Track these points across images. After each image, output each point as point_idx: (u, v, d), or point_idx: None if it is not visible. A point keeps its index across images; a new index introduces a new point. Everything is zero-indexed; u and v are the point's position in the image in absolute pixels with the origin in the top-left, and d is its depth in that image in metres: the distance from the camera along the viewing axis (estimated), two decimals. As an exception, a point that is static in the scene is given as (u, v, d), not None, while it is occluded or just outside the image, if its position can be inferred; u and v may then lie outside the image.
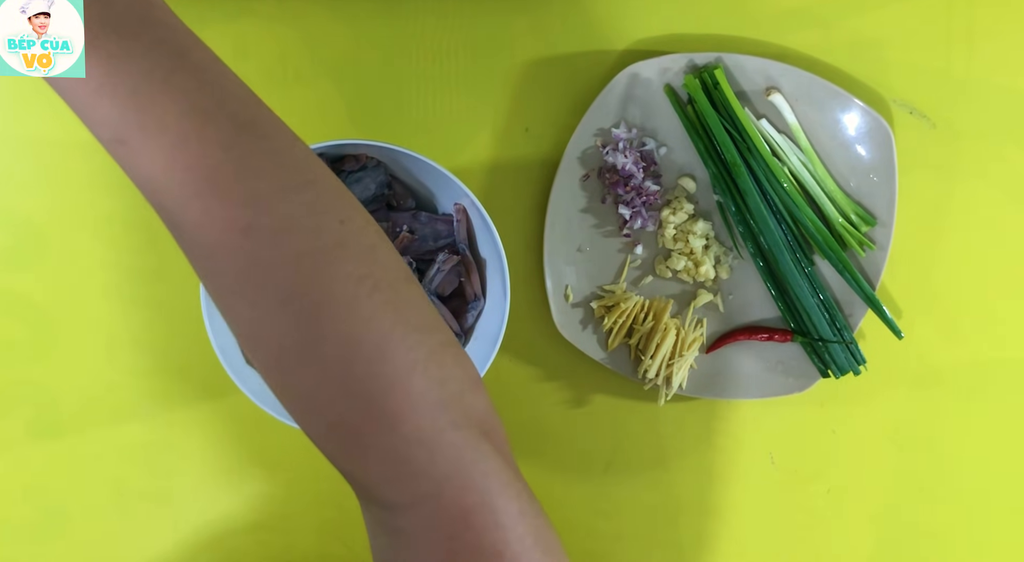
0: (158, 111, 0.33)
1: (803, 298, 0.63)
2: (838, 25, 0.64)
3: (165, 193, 0.34)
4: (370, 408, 0.35)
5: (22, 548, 0.64)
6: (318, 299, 0.34)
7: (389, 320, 0.35)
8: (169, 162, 0.33)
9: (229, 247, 0.34)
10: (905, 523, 0.68)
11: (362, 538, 0.66)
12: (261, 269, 0.34)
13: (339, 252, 0.35)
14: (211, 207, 0.33)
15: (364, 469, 0.37)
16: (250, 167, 0.34)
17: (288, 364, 0.35)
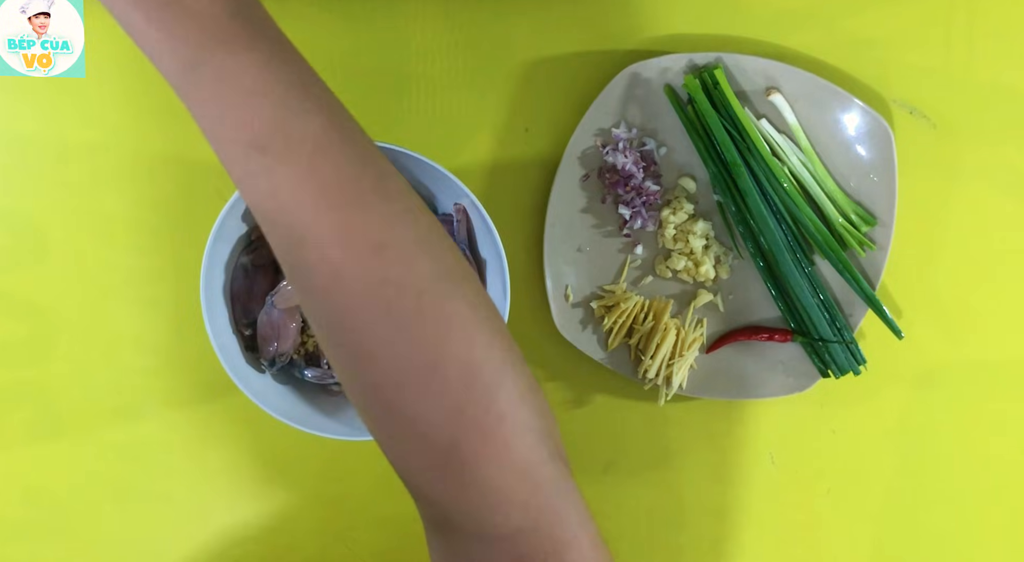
0: (301, 121, 0.32)
1: (803, 298, 0.63)
2: (838, 25, 0.64)
3: (296, 206, 0.33)
4: (484, 435, 0.35)
5: (22, 548, 0.64)
6: (443, 321, 0.34)
7: (502, 347, 0.36)
8: (307, 173, 0.32)
9: (360, 266, 0.33)
10: (905, 523, 0.68)
11: (362, 538, 0.66)
12: (390, 288, 0.33)
13: (457, 276, 0.35)
14: (347, 222, 0.33)
15: (463, 497, 0.36)
16: (383, 187, 0.34)
17: (407, 384, 0.35)
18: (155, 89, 0.62)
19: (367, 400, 0.36)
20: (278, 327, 0.58)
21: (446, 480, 0.36)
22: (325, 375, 0.59)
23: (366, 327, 0.34)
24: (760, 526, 0.68)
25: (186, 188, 0.62)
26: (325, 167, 0.32)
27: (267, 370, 0.59)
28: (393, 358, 0.34)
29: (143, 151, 0.62)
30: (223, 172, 0.63)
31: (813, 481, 0.67)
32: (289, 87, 0.32)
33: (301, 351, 0.60)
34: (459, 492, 0.36)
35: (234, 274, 0.58)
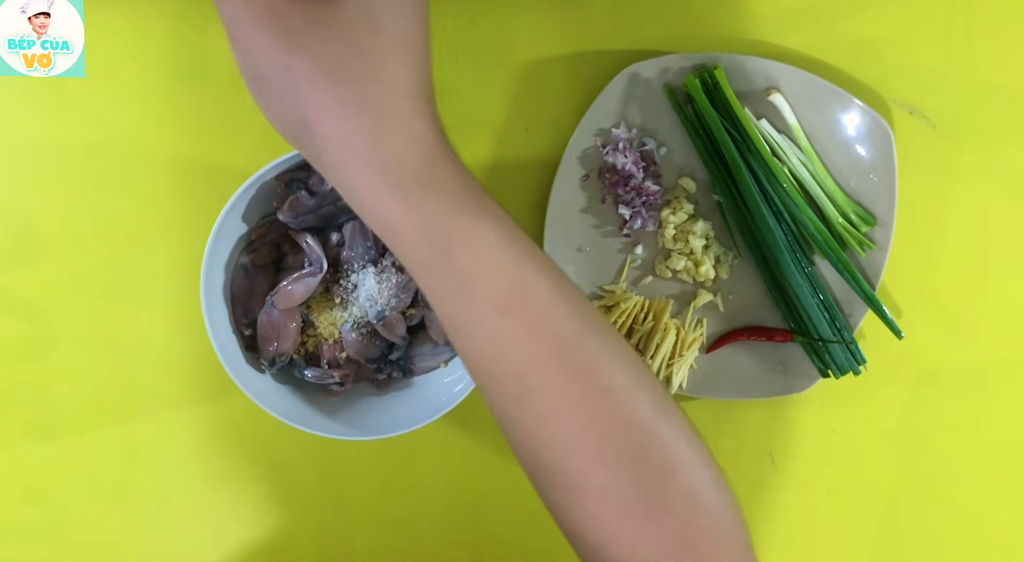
0: (533, 285, 0.35)
1: (803, 298, 0.63)
2: (838, 25, 0.64)
3: (530, 358, 0.35)
4: (703, 558, 0.38)
5: (22, 548, 0.64)
6: (666, 457, 0.37)
7: (715, 473, 0.39)
8: (541, 329, 0.35)
9: (589, 405, 0.36)
10: (905, 523, 0.68)
11: (362, 538, 0.66)
12: (618, 425, 0.37)
13: (672, 409, 0.39)
14: (576, 368, 0.36)
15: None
16: (597, 331, 0.37)
17: (630, 516, 0.37)
18: (155, 89, 0.62)
19: (583, 530, 0.39)
20: (278, 327, 0.58)
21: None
22: (325, 375, 0.59)
23: (591, 464, 0.37)
24: (760, 526, 0.68)
25: (186, 188, 0.62)
26: (554, 323, 0.36)
27: (267, 370, 0.59)
28: (617, 493, 0.37)
29: (143, 151, 0.62)
30: (223, 172, 0.64)
31: (813, 481, 0.67)
32: (520, 256, 0.36)
33: (301, 351, 0.60)
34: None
35: (234, 274, 0.58)
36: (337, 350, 0.60)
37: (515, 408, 0.37)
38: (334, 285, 0.59)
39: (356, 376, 0.61)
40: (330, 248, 0.59)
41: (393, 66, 0.30)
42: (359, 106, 0.30)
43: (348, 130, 0.31)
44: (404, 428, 0.57)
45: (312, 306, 0.59)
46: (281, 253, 0.61)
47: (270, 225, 0.58)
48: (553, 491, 0.39)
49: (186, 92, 0.62)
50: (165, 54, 0.62)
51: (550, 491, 0.39)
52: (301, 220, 0.57)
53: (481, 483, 0.66)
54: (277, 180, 0.57)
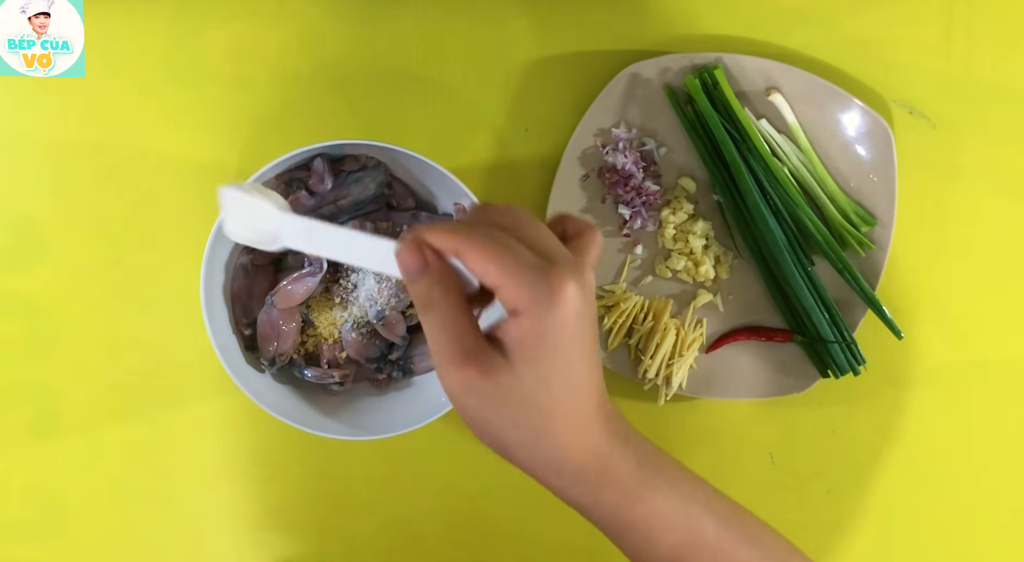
0: (703, 539, 0.42)
1: (803, 298, 0.62)
2: (838, 25, 0.64)
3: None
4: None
5: (22, 548, 0.64)
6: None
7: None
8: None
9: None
10: (905, 523, 0.68)
11: (362, 538, 0.66)
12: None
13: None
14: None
15: None
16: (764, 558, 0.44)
17: None
18: (155, 89, 0.62)
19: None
20: (278, 327, 0.58)
21: None
22: (325, 375, 0.59)
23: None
24: (760, 526, 0.67)
25: (186, 188, 0.62)
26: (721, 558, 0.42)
27: (267, 370, 0.59)
28: None
29: (143, 151, 0.62)
30: (223, 172, 0.64)
31: (813, 481, 0.67)
32: (688, 514, 0.41)
33: (301, 351, 0.60)
34: None
35: (234, 274, 0.58)
36: (337, 350, 0.60)
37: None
38: (334, 285, 0.59)
39: (356, 376, 0.61)
40: (330, 248, 0.59)
41: (563, 410, 0.37)
42: (538, 448, 0.38)
43: (534, 462, 0.39)
44: (404, 428, 0.57)
45: (312, 306, 0.59)
46: (281, 253, 0.61)
47: (270, 225, 0.58)
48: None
49: (186, 92, 0.62)
50: (165, 54, 0.62)
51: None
52: (301, 220, 0.57)
53: (481, 483, 0.66)
54: (277, 180, 0.57)
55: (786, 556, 0.47)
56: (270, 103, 0.62)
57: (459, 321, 0.36)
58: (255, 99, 0.62)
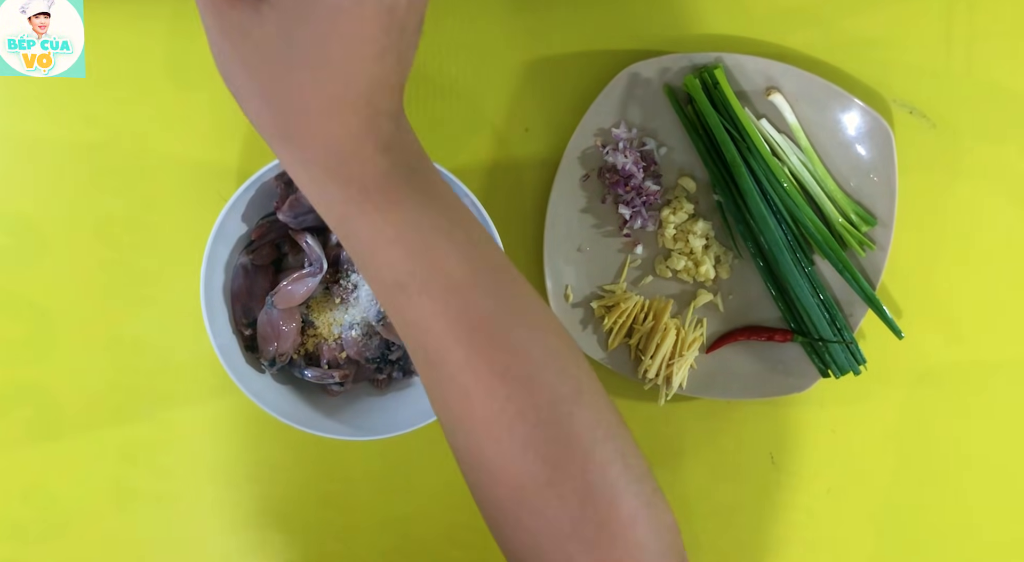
0: (440, 261, 0.36)
1: (803, 298, 0.63)
2: (838, 25, 0.64)
3: (431, 336, 0.37)
4: (595, 554, 0.37)
5: (22, 548, 0.64)
6: (562, 443, 0.37)
7: (618, 467, 0.38)
8: (443, 308, 0.36)
9: (485, 389, 0.36)
10: (905, 523, 0.68)
11: (362, 538, 0.66)
12: (512, 411, 0.37)
13: (578, 398, 0.38)
14: (475, 351, 0.36)
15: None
16: (511, 313, 0.37)
17: (525, 502, 0.38)
18: (155, 89, 0.62)
19: (490, 511, 0.40)
20: (278, 327, 0.58)
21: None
22: (325, 375, 0.59)
23: (489, 445, 0.38)
24: (760, 526, 0.68)
25: (186, 188, 0.62)
26: (456, 303, 0.36)
27: (267, 370, 0.59)
28: (514, 476, 0.37)
29: (143, 151, 0.62)
30: (223, 172, 0.64)
31: (813, 481, 0.67)
32: (429, 232, 0.36)
33: (301, 351, 0.60)
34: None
35: (234, 274, 0.58)
36: (337, 350, 0.60)
37: (425, 375, 0.39)
38: (334, 285, 0.59)
39: (356, 376, 0.61)
40: (330, 248, 0.59)
41: (300, 79, 0.33)
42: (266, 107, 0.34)
43: (260, 120, 0.35)
44: (404, 428, 0.57)
45: (312, 306, 0.59)
46: (281, 253, 0.61)
47: (270, 225, 0.58)
48: (465, 464, 0.40)
49: (186, 92, 0.62)
50: (165, 54, 0.62)
51: (464, 463, 0.40)
52: (301, 220, 0.57)
53: (481, 483, 0.66)
54: (277, 180, 0.57)
55: (557, 346, 0.39)
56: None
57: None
58: (255, 99, 0.62)
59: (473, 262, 0.37)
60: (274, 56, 0.33)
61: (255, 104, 0.34)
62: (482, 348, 0.36)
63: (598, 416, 0.38)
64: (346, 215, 0.36)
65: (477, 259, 0.37)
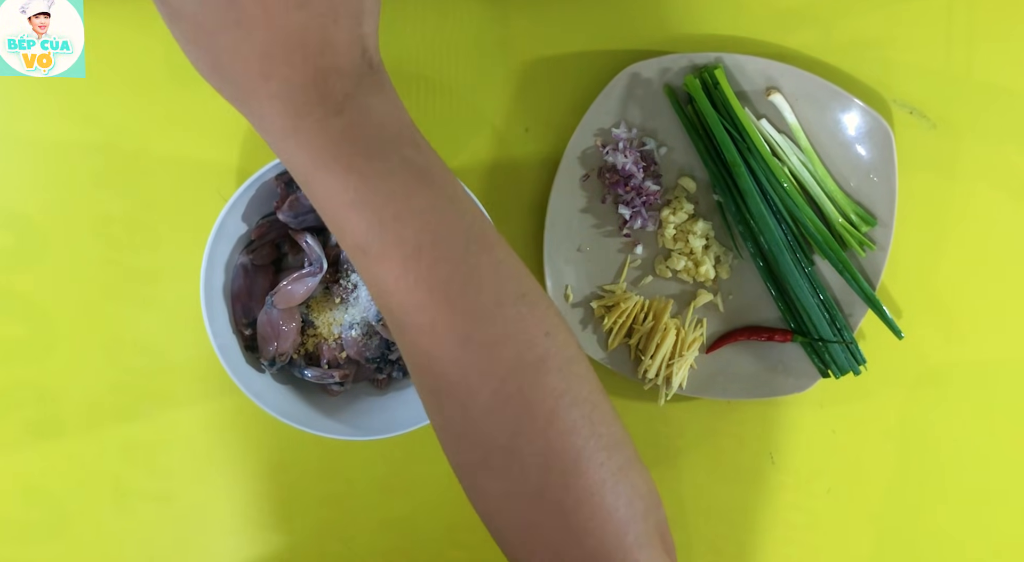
0: (399, 227, 0.36)
1: (803, 298, 0.63)
2: (838, 25, 0.64)
3: (394, 299, 0.37)
4: (561, 519, 0.37)
5: (22, 548, 0.64)
6: (523, 409, 0.37)
7: (584, 435, 0.37)
8: (402, 273, 0.36)
9: (447, 355, 0.37)
10: (905, 523, 0.68)
11: (362, 538, 0.66)
12: (474, 377, 0.37)
13: (543, 365, 0.37)
14: (435, 317, 0.36)
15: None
16: (473, 281, 0.37)
17: (490, 466, 0.38)
18: (155, 89, 0.62)
19: (459, 473, 0.40)
20: (278, 327, 0.58)
21: (532, 557, 0.38)
22: (325, 375, 0.59)
23: (454, 410, 0.38)
24: (760, 526, 0.68)
25: (186, 188, 0.62)
26: (417, 268, 0.36)
27: (267, 370, 0.59)
28: (477, 440, 0.38)
29: (143, 151, 0.62)
30: (223, 172, 0.64)
31: (813, 481, 0.67)
32: (388, 199, 0.36)
33: (301, 351, 0.60)
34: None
35: (234, 274, 0.58)
36: (337, 350, 0.60)
37: (395, 336, 0.39)
38: (334, 285, 0.59)
39: (356, 376, 0.61)
40: (330, 248, 0.59)
41: (228, 42, 0.33)
42: (223, 76, 0.34)
43: (228, 98, 0.35)
44: (404, 428, 0.57)
45: (312, 306, 0.59)
46: (281, 253, 0.61)
47: (270, 225, 0.58)
48: (436, 425, 0.40)
49: (186, 92, 0.62)
50: (165, 54, 0.62)
51: (436, 424, 0.40)
52: (301, 220, 0.57)
53: (481, 483, 0.66)
54: (277, 180, 0.57)
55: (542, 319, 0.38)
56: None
57: None
58: (255, 99, 0.62)
59: (435, 229, 0.36)
60: (204, 25, 0.33)
61: (211, 77, 0.34)
62: (443, 314, 0.36)
63: (565, 384, 0.38)
64: (307, 176, 0.36)
65: (440, 225, 0.36)
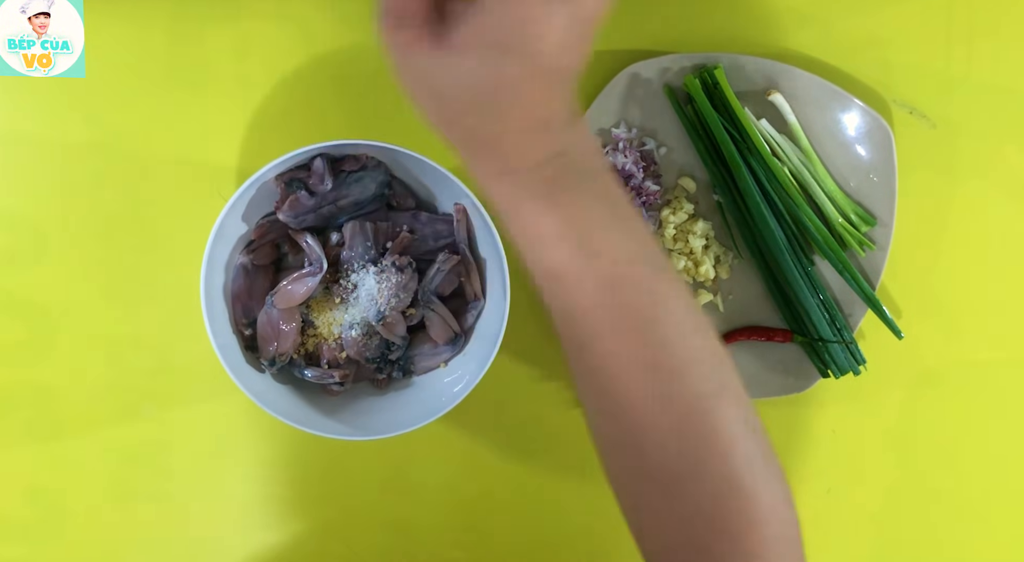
0: (595, 258, 0.38)
1: (803, 298, 0.63)
2: (838, 25, 0.64)
3: (583, 325, 0.39)
4: (733, 543, 0.39)
5: (22, 548, 0.64)
6: (704, 436, 0.38)
7: (759, 464, 0.39)
8: (595, 300, 0.38)
9: (635, 381, 0.38)
10: (905, 523, 0.68)
11: (362, 538, 0.66)
12: (657, 404, 0.38)
13: (724, 393, 0.39)
14: (623, 344, 0.38)
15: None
16: (660, 310, 0.39)
17: (668, 491, 0.39)
18: (155, 89, 0.62)
19: (630, 499, 0.42)
20: (278, 327, 0.58)
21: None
22: (325, 375, 0.59)
23: (633, 434, 0.39)
24: (760, 526, 0.67)
25: (186, 188, 0.62)
26: (612, 297, 0.38)
27: (267, 370, 0.59)
28: (656, 466, 0.39)
29: (143, 151, 0.62)
30: (223, 172, 0.64)
31: (813, 481, 0.67)
32: (587, 232, 0.38)
33: (301, 351, 0.60)
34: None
35: (234, 274, 0.58)
36: (337, 350, 0.60)
37: (577, 358, 0.41)
38: (334, 285, 0.59)
39: (356, 376, 0.61)
40: (330, 248, 0.59)
41: (482, 115, 0.36)
42: (455, 133, 0.39)
43: (448, 141, 0.39)
44: (404, 428, 0.57)
45: (312, 306, 0.59)
46: (281, 253, 0.61)
47: (270, 225, 0.58)
48: (612, 449, 0.42)
49: (186, 92, 0.62)
50: (165, 54, 0.62)
51: (611, 449, 0.42)
52: (301, 220, 0.57)
53: (481, 483, 0.66)
54: (277, 180, 0.57)
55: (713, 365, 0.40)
56: (270, 103, 0.62)
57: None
58: (255, 99, 0.62)
59: (629, 258, 0.38)
60: (460, 108, 0.36)
61: (438, 124, 0.38)
62: (631, 342, 0.38)
63: (740, 414, 0.39)
64: (513, 210, 0.38)
65: (633, 257, 0.39)
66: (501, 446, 0.65)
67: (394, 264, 0.58)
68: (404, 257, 0.59)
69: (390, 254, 0.59)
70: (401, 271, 0.58)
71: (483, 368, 0.56)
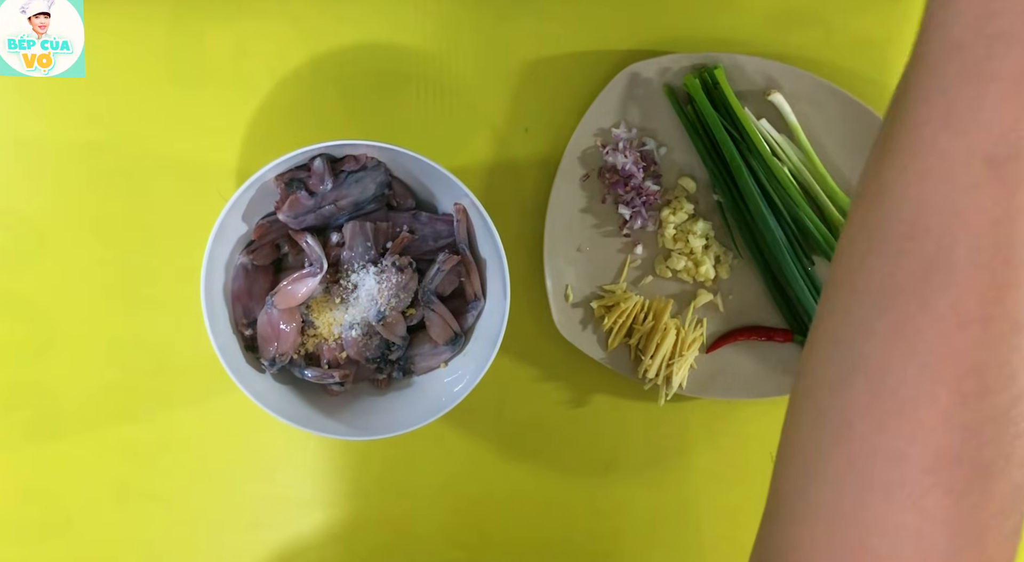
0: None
1: (803, 298, 0.63)
2: (838, 25, 0.64)
3: (1009, 229, 0.31)
4: None
5: (22, 548, 0.64)
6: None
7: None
8: (1003, 212, 0.31)
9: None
10: (905, 523, 0.68)
11: (362, 538, 0.66)
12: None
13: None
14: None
15: None
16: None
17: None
18: (155, 89, 0.62)
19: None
20: (278, 327, 0.58)
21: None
22: (325, 375, 0.59)
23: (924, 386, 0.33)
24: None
25: (186, 188, 0.62)
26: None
27: (267, 370, 0.59)
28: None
29: (143, 151, 0.62)
30: (223, 172, 0.64)
31: (813, 481, 0.67)
32: None
33: (301, 351, 0.60)
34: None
35: (234, 274, 0.58)
36: (337, 350, 0.60)
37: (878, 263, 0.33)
38: (334, 285, 0.59)
39: (356, 376, 0.61)
40: (330, 248, 0.59)
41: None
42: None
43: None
44: (404, 428, 0.57)
45: (312, 306, 0.59)
46: (281, 253, 0.61)
47: (270, 225, 0.58)
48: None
49: (186, 92, 0.62)
50: (165, 54, 0.62)
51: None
52: (301, 220, 0.57)
53: (481, 483, 0.66)
54: (277, 180, 0.57)
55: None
56: (270, 103, 0.62)
57: None
58: (255, 99, 0.62)
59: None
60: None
61: None
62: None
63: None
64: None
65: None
66: (501, 446, 0.65)
67: (394, 264, 0.58)
68: (404, 257, 0.59)
69: (390, 254, 0.59)
70: (401, 271, 0.58)
71: (483, 368, 0.56)
